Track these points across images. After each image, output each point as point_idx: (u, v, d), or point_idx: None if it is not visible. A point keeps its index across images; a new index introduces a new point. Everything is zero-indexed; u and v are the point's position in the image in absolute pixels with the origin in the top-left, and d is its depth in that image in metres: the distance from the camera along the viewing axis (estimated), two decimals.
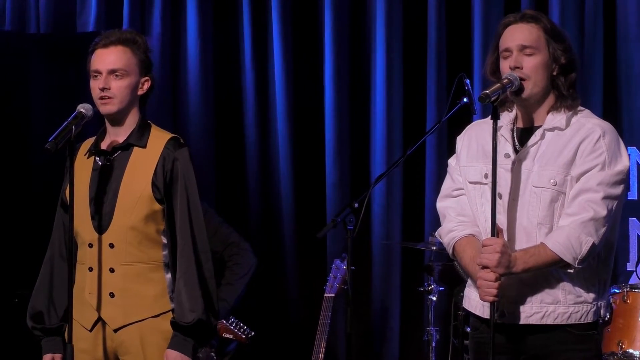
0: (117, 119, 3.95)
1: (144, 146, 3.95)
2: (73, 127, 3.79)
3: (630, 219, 6.44)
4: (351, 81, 6.96)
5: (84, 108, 3.87)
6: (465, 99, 4.98)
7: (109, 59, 3.91)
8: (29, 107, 6.96)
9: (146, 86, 3.98)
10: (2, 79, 6.97)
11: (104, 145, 3.99)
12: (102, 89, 3.89)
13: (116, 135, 3.98)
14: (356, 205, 4.56)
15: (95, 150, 3.99)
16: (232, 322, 5.54)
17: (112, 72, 3.90)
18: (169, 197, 3.91)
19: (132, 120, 3.97)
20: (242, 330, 5.56)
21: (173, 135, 4.02)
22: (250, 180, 7.05)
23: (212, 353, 5.64)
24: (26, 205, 6.86)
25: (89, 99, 3.94)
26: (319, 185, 6.92)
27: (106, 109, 3.91)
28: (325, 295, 5.67)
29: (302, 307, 6.89)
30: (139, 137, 3.96)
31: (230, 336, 5.55)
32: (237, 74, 7.08)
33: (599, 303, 3.68)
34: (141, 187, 3.90)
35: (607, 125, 3.69)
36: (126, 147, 3.96)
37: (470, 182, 3.78)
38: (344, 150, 6.91)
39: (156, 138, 3.98)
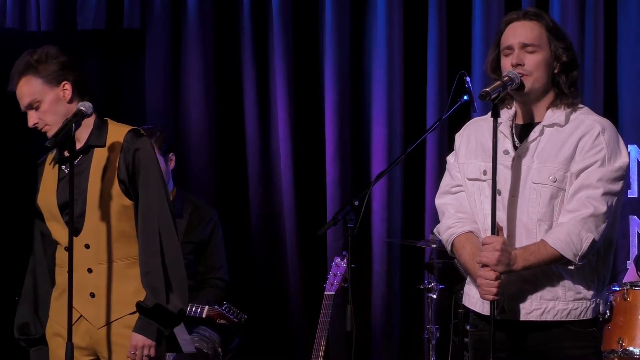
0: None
1: (104, 145, 3.96)
2: (73, 125, 3.81)
3: (630, 216, 6.45)
4: (351, 78, 6.96)
5: (83, 106, 3.89)
6: (465, 97, 4.99)
7: (20, 96, 3.96)
8: None
9: (68, 92, 3.95)
10: (3, 77, 6.96)
11: (67, 153, 3.97)
12: (34, 126, 3.95)
13: (76, 140, 3.97)
14: (356, 203, 4.57)
15: (59, 159, 4.00)
16: (225, 308, 5.56)
17: (29, 107, 3.95)
18: (135, 189, 3.93)
19: (85, 122, 3.95)
20: (235, 315, 5.58)
21: (132, 127, 4.03)
22: (251, 177, 7.05)
23: (219, 349, 5.65)
24: (27, 203, 6.84)
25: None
26: (319, 183, 6.92)
27: (50, 134, 3.92)
28: (325, 293, 5.67)
29: (302, 304, 6.89)
30: (98, 136, 3.97)
31: (224, 322, 5.57)
32: (238, 71, 7.08)
33: (598, 300, 3.68)
34: (108, 185, 3.92)
35: (606, 122, 3.69)
36: (87, 149, 3.97)
37: (469, 179, 3.78)
38: (345, 148, 6.91)
39: (114, 134, 3.98)
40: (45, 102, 3.93)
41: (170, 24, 7.12)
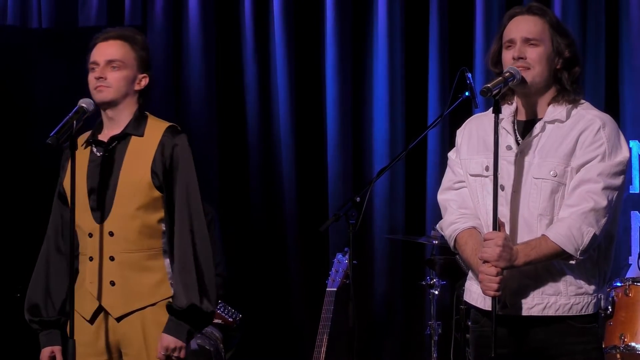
0: (112, 110, 3.97)
1: (142, 135, 3.99)
2: (74, 122, 3.81)
3: (632, 212, 6.45)
4: (353, 75, 6.96)
5: (85, 103, 3.89)
6: (466, 93, 4.98)
7: (107, 51, 3.97)
8: (31, 102, 6.96)
9: (144, 82, 4.01)
10: (4, 74, 6.97)
11: (101, 137, 4.01)
12: (98, 78, 3.93)
13: (112, 128, 4.00)
14: (358, 199, 4.58)
15: (92, 141, 4.00)
16: (220, 307, 5.56)
17: (109, 62, 3.95)
18: (169, 183, 3.95)
19: (128, 113, 4.00)
20: (229, 314, 5.58)
21: (171, 123, 4.06)
22: (253, 174, 7.06)
23: (221, 345, 5.65)
24: (28, 200, 6.86)
25: (90, 94, 3.96)
26: (321, 180, 6.92)
27: (101, 95, 3.94)
28: (327, 289, 5.67)
29: (304, 301, 6.89)
30: (136, 126, 3.99)
31: (219, 321, 5.58)
32: (239, 68, 7.09)
33: (599, 295, 3.68)
34: (140, 175, 3.93)
35: (606, 116, 3.69)
36: (123, 136, 3.99)
37: (471, 175, 3.78)
38: (346, 144, 6.91)
39: (154, 127, 4.01)
40: (126, 71, 3.96)
41: (171, 20, 7.12)
